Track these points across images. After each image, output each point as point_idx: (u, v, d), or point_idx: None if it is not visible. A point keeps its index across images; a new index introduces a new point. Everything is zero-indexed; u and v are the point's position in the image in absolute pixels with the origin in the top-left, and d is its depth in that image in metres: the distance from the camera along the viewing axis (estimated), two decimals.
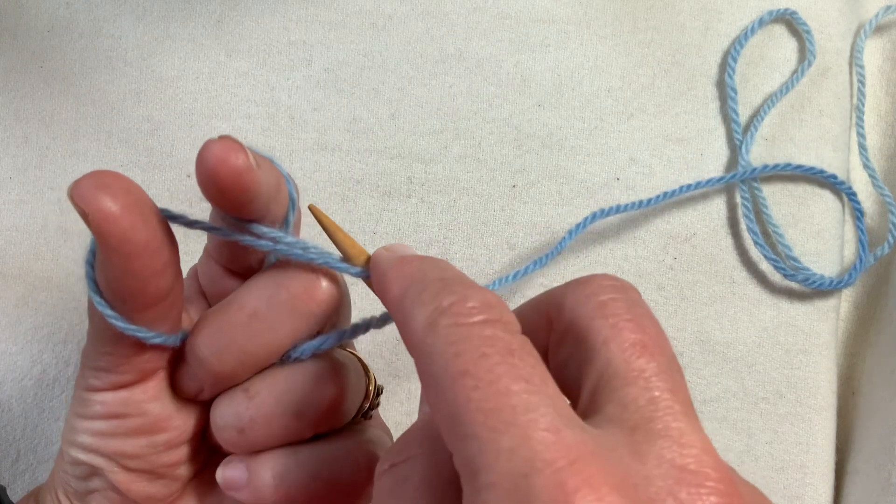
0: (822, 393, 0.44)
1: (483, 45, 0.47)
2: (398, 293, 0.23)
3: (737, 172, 0.44)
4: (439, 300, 0.22)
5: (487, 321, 0.21)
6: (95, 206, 0.23)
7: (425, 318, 0.21)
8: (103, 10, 0.46)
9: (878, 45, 0.50)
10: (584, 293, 0.23)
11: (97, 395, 0.28)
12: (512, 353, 0.21)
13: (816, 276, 0.44)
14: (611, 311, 0.23)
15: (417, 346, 0.21)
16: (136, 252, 0.24)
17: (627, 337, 0.22)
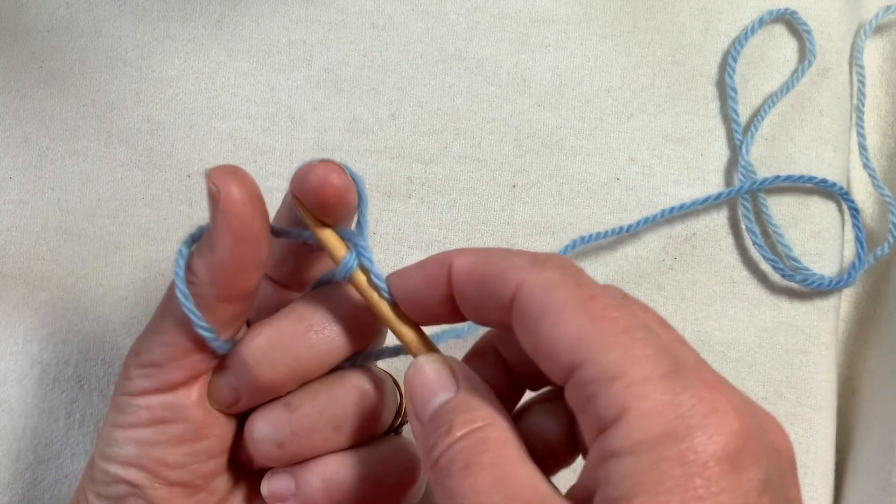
0: (822, 393, 0.44)
1: (483, 45, 0.47)
2: (473, 260, 0.27)
3: (732, 189, 0.45)
4: (531, 254, 0.26)
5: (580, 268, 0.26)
6: (228, 186, 0.26)
7: (528, 261, 0.25)
8: (103, 10, 0.46)
9: (878, 45, 0.50)
10: None
11: (142, 398, 0.28)
12: (622, 294, 0.26)
13: (816, 276, 0.44)
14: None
15: (529, 282, 0.24)
16: (247, 238, 0.26)
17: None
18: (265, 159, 0.45)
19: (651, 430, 0.21)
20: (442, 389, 0.26)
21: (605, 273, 0.44)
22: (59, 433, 0.40)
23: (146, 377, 0.28)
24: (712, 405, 0.22)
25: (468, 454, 0.23)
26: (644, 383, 0.22)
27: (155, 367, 0.28)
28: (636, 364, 0.22)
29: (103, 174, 0.44)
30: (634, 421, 0.21)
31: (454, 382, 0.26)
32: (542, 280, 0.24)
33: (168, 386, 0.28)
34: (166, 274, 0.43)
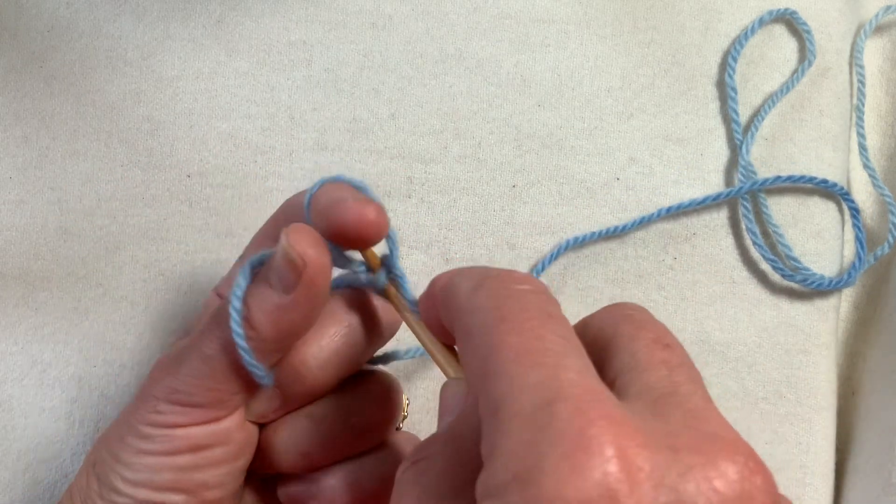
0: (822, 393, 0.44)
1: (483, 45, 0.47)
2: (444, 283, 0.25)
3: (732, 189, 0.44)
4: (483, 275, 0.24)
5: (531, 290, 0.23)
6: (313, 258, 0.26)
7: (471, 284, 0.23)
8: (103, 10, 0.46)
9: (878, 45, 0.50)
10: (609, 311, 0.25)
11: (180, 430, 0.28)
12: (551, 315, 0.22)
13: (816, 276, 0.44)
14: (636, 318, 0.24)
15: (461, 308, 0.23)
16: (321, 303, 0.27)
17: (650, 335, 0.23)
18: (265, 159, 0.45)
19: (506, 473, 0.19)
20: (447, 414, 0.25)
21: (605, 273, 0.44)
22: (59, 433, 0.40)
23: (184, 414, 0.28)
24: (579, 444, 0.18)
25: (402, 487, 0.23)
26: (513, 418, 0.19)
27: (197, 408, 0.28)
28: (514, 395, 0.19)
29: (103, 174, 0.44)
30: (496, 462, 0.19)
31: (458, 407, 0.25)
32: (470, 304, 0.23)
33: (210, 420, 0.28)
34: (166, 274, 0.43)
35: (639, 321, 0.24)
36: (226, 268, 0.43)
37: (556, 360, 0.20)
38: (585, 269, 0.44)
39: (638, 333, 0.23)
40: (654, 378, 0.22)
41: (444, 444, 0.23)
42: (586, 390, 0.19)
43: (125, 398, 0.41)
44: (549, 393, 0.19)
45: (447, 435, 0.23)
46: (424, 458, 0.23)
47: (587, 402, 0.19)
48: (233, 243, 0.44)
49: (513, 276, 0.23)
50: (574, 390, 0.19)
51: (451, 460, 0.22)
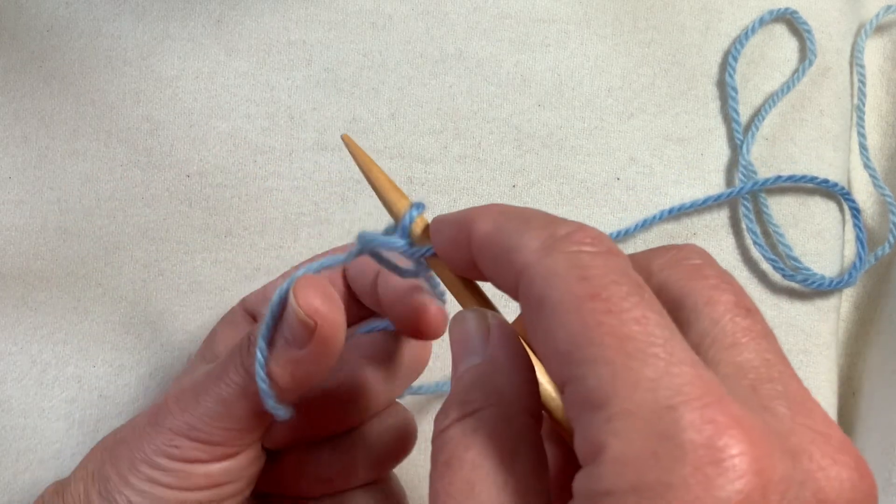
0: (822, 393, 0.43)
1: (483, 45, 0.47)
2: (490, 227, 0.22)
3: (734, 189, 0.44)
4: (552, 228, 0.21)
5: (610, 251, 0.20)
6: (324, 317, 0.26)
7: (540, 242, 0.20)
8: (103, 9, 0.46)
9: (878, 45, 0.50)
10: (674, 258, 0.23)
11: (199, 466, 0.28)
12: (641, 286, 0.20)
13: (816, 276, 0.44)
14: (707, 273, 0.22)
15: (531, 269, 0.20)
16: (335, 353, 0.27)
17: (730, 299, 0.22)
18: (265, 159, 0.45)
19: (621, 481, 0.17)
20: (471, 352, 0.23)
21: None
22: (58, 433, 0.40)
23: (202, 451, 0.28)
24: (710, 457, 0.17)
25: (453, 447, 0.21)
26: (627, 418, 0.18)
27: (215, 446, 0.28)
28: (625, 390, 0.18)
29: (103, 174, 0.44)
30: (607, 466, 0.18)
31: (483, 345, 0.23)
32: (544, 269, 0.20)
33: (227, 456, 0.28)
34: (166, 273, 0.43)
35: (711, 277, 0.22)
36: (226, 268, 0.43)
37: (666, 349, 0.18)
38: None
39: (715, 296, 0.21)
40: (746, 356, 0.20)
41: (485, 396, 0.22)
42: (706, 389, 0.18)
43: (125, 398, 0.41)
44: (668, 392, 0.17)
45: (484, 386, 0.22)
46: (471, 413, 0.21)
47: (711, 405, 0.17)
48: (233, 243, 0.43)
49: (588, 234, 0.20)
50: (694, 389, 0.17)
51: (498, 417, 0.21)
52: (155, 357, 0.42)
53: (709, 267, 0.23)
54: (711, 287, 0.22)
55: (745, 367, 0.20)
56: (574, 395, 0.19)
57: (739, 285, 0.22)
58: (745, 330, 0.21)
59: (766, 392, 0.20)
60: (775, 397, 0.20)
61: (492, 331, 0.23)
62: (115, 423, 0.41)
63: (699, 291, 0.22)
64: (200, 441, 0.28)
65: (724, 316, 0.21)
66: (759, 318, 0.22)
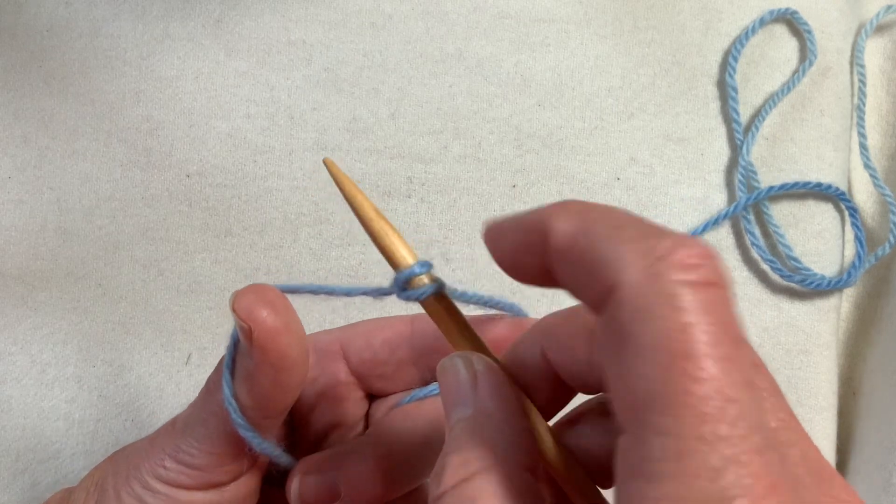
0: (822, 393, 0.43)
1: (483, 45, 0.47)
2: (573, 229, 0.19)
3: (729, 210, 0.44)
4: (653, 240, 0.18)
5: (714, 285, 0.18)
6: (261, 322, 0.24)
7: (639, 260, 0.18)
8: (102, 9, 0.46)
9: (878, 45, 0.50)
10: None
11: (183, 492, 0.27)
12: (738, 343, 0.18)
13: (816, 276, 0.44)
14: None
15: (625, 294, 0.18)
16: (288, 367, 0.25)
17: None
18: (265, 159, 0.45)
19: None
20: (460, 402, 0.22)
21: None
22: (58, 433, 0.40)
23: (187, 476, 0.27)
24: None
25: None
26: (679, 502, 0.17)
27: (198, 471, 0.27)
28: (686, 476, 0.17)
29: (102, 174, 0.44)
30: None
31: (472, 394, 0.22)
32: (641, 301, 0.18)
33: (212, 485, 0.28)
34: (166, 273, 0.43)
35: None
36: (226, 268, 0.43)
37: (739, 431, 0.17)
38: None
39: None
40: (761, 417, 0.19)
41: (480, 454, 0.21)
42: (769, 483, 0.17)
43: (125, 398, 0.41)
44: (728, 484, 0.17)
45: (477, 441, 0.21)
46: (468, 478, 0.21)
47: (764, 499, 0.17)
48: (233, 243, 0.43)
49: (693, 254, 0.18)
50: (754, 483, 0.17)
51: (495, 482, 0.20)
52: (155, 357, 0.42)
53: None
54: None
55: (764, 429, 0.19)
56: (631, 452, 0.18)
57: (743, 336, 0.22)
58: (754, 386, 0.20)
59: (790, 459, 0.19)
60: (798, 464, 0.19)
61: (479, 378, 0.22)
62: (114, 423, 0.41)
63: None
64: (185, 464, 0.27)
65: None
66: (767, 373, 0.21)
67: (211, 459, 0.27)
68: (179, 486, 0.27)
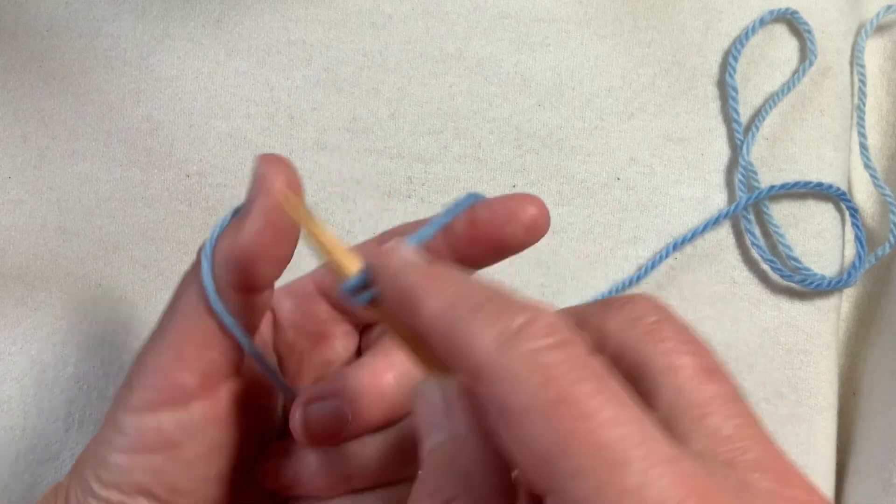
0: (822, 393, 0.43)
1: (483, 45, 0.47)
2: (438, 310, 0.21)
3: (729, 209, 0.44)
4: (506, 320, 0.20)
5: (567, 341, 0.19)
6: (275, 173, 0.25)
7: (493, 338, 0.19)
8: (102, 9, 0.46)
9: (879, 45, 0.50)
10: (628, 317, 0.22)
11: (150, 416, 0.26)
12: (605, 378, 0.19)
13: (816, 276, 0.44)
14: (664, 335, 0.22)
15: (487, 371, 0.19)
16: (278, 226, 0.25)
17: (690, 362, 0.21)
18: None
19: None
20: (435, 428, 0.22)
21: (605, 274, 0.44)
22: (58, 433, 0.40)
23: (152, 388, 0.26)
24: None
25: None
26: None
27: (160, 374, 0.26)
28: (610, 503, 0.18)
29: (102, 174, 0.44)
30: None
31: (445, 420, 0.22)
32: (503, 373, 0.19)
33: (179, 397, 0.26)
34: (166, 273, 0.43)
35: (668, 339, 0.22)
36: None
37: (644, 449, 0.18)
38: (586, 269, 0.44)
39: (676, 361, 0.21)
40: (716, 425, 0.20)
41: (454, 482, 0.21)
42: (689, 488, 0.17)
43: None
44: (653, 499, 0.17)
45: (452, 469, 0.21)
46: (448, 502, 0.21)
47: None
48: None
49: (543, 324, 0.19)
50: (678, 491, 0.17)
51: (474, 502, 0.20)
52: None
53: (666, 325, 0.22)
54: (670, 351, 0.21)
55: (718, 438, 0.20)
56: (552, 501, 0.18)
57: (699, 342, 0.22)
58: (711, 397, 0.21)
59: (744, 464, 0.20)
60: (753, 469, 0.19)
61: (452, 403, 0.22)
62: None
63: (659, 357, 0.21)
64: (150, 373, 0.26)
65: (688, 384, 0.21)
66: (723, 377, 0.21)
67: (174, 351, 0.26)
68: (149, 405, 0.26)
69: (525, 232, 0.27)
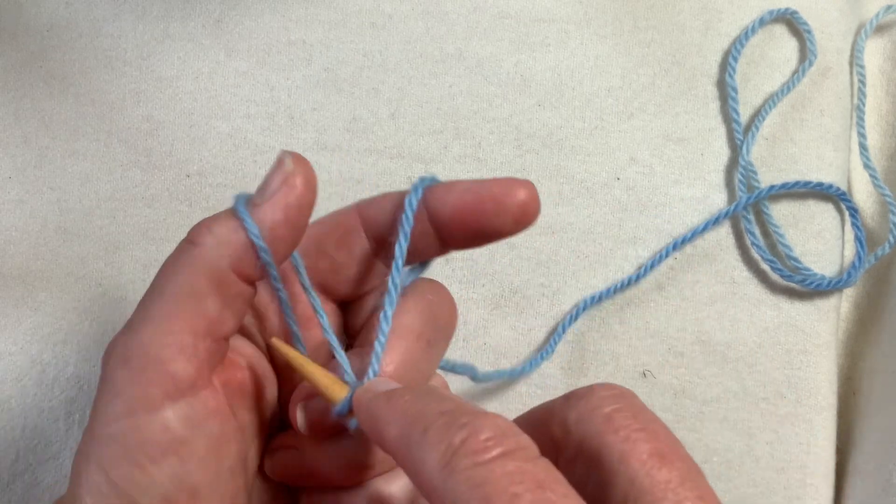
0: (822, 393, 0.43)
1: (483, 45, 0.47)
2: (397, 435, 0.22)
3: (729, 209, 0.44)
4: (449, 437, 0.20)
5: (506, 453, 0.20)
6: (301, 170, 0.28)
7: (437, 460, 0.20)
8: (102, 9, 0.46)
9: (878, 45, 0.50)
10: (586, 408, 0.23)
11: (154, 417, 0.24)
12: (542, 485, 0.19)
13: (816, 276, 0.44)
14: (619, 423, 0.22)
15: (435, 493, 0.20)
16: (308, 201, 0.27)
17: (643, 448, 0.22)
18: (265, 159, 0.45)
19: None
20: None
21: (605, 274, 0.44)
22: (58, 433, 0.40)
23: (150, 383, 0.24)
24: None
25: None
26: None
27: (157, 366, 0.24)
28: None
29: (103, 174, 0.44)
30: None
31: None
32: (447, 493, 0.20)
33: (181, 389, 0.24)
34: None
35: (622, 428, 0.22)
36: None
37: None
38: (586, 269, 0.44)
39: (628, 450, 0.22)
40: None
41: None
42: None
43: None
44: None
45: None
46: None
47: None
48: None
49: (483, 436, 0.20)
50: None
51: None
52: None
53: (620, 414, 0.23)
54: (623, 440, 0.22)
55: None
56: None
57: (656, 424, 0.23)
58: (662, 484, 0.21)
59: None
60: None
61: None
62: None
63: (613, 447, 0.22)
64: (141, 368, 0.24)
65: (639, 472, 0.21)
66: (676, 459, 0.22)
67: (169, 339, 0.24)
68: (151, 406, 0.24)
69: (514, 221, 0.26)
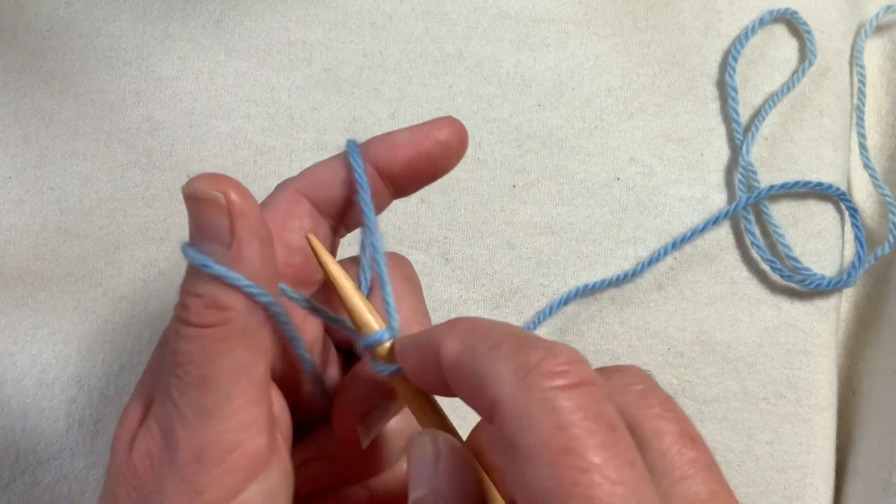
0: (822, 393, 0.43)
1: (483, 45, 0.47)
2: (459, 349, 0.22)
3: (729, 209, 0.44)
4: (524, 355, 0.20)
5: (583, 385, 0.20)
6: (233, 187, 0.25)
7: (512, 373, 0.20)
8: (103, 9, 0.46)
9: (878, 45, 0.50)
10: (621, 381, 0.24)
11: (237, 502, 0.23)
12: (615, 429, 0.20)
13: (816, 276, 0.44)
14: (652, 401, 0.23)
15: (504, 407, 0.20)
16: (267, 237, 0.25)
17: (675, 428, 0.23)
18: (265, 159, 0.45)
19: None
20: (420, 480, 0.23)
21: (605, 274, 0.44)
22: (58, 433, 0.40)
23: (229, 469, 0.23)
24: None
25: None
26: None
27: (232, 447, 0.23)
28: None
29: (103, 174, 0.44)
30: None
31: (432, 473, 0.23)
32: (517, 410, 0.20)
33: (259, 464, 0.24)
34: (166, 274, 0.43)
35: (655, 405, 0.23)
36: None
37: None
38: (587, 269, 0.44)
39: (661, 426, 0.22)
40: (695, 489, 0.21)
41: None
42: None
43: (125, 398, 0.41)
44: None
45: None
46: None
47: None
48: None
49: (561, 361, 0.20)
50: None
51: None
52: None
53: (652, 393, 0.23)
54: (657, 416, 0.23)
55: (696, 501, 0.21)
56: None
57: (682, 412, 0.23)
58: (691, 462, 0.22)
59: None
60: None
61: (441, 458, 0.23)
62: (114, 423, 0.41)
63: (647, 421, 0.23)
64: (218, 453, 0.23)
65: (671, 448, 0.22)
66: (703, 446, 0.23)
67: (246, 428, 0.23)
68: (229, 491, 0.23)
69: (457, 156, 0.28)
